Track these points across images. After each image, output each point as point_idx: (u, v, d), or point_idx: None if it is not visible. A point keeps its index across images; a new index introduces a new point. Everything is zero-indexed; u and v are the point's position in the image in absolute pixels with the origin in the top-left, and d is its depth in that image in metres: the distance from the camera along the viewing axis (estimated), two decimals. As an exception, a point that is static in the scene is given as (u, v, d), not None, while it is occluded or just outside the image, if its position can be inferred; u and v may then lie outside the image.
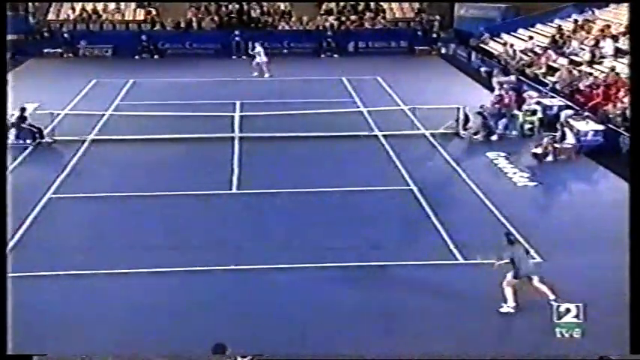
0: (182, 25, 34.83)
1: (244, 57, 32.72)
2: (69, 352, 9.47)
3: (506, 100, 21.07)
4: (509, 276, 10.59)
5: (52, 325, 10.40)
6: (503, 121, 20.11)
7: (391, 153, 18.50)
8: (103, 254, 12.72)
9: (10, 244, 12.86)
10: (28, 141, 19.00)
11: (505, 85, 22.97)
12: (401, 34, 35.35)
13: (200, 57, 33.10)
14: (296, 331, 10.20)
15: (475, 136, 19.71)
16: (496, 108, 20.69)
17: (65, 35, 33.73)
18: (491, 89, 24.01)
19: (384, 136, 19.82)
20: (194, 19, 35.17)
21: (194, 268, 12.10)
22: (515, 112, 20.63)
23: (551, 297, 10.23)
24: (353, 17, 35.87)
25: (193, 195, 15.68)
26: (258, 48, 28.83)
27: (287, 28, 35.28)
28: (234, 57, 33.17)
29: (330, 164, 17.77)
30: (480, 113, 20.07)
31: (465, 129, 20.01)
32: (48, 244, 13.19)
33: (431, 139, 19.69)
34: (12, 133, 19.00)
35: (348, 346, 9.71)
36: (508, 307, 10.58)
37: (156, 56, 33.38)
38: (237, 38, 33.55)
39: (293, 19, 35.74)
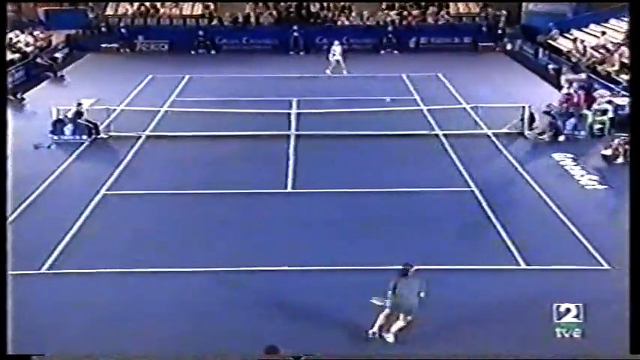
0: (240, 20, 34.57)
1: (302, 53, 32.49)
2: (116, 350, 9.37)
3: (575, 99, 20.36)
4: (387, 308, 9.83)
5: (111, 322, 10.36)
6: (572, 121, 19.26)
7: (452, 153, 17.85)
8: (156, 252, 12.52)
9: (65, 239, 12.92)
10: (84, 137, 18.90)
11: (574, 84, 22.05)
12: (464, 29, 34.37)
13: (257, 53, 32.74)
14: (347, 332, 9.92)
15: (541, 137, 18.91)
16: (564, 107, 19.97)
17: (122, 30, 33.81)
18: (559, 87, 23.14)
19: (445, 135, 19.15)
20: (252, 13, 34.87)
21: (247, 267, 11.84)
22: (585, 111, 19.74)
23: (393, 330, 9.80)
24: (415, 12, 35.08)
25: (248, 193, 15.32)
26: (336, 47, 28.18)
27: (347, 23, 34.69)
28: (291, 52, 32.85)
29: (388, 164, 17.18)
30: (547, 112, 19.33)
31: (530, 129, 19.22)
32: (100, 241, 13.03)
33: (494, 139, 18.96)
34: (68, 129, 18.97)
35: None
36: (372, 330, 9.92)
37: (212, 52, 33.16)
38: (295, 34, 33.16)
39: (353, 14, 35.13)
